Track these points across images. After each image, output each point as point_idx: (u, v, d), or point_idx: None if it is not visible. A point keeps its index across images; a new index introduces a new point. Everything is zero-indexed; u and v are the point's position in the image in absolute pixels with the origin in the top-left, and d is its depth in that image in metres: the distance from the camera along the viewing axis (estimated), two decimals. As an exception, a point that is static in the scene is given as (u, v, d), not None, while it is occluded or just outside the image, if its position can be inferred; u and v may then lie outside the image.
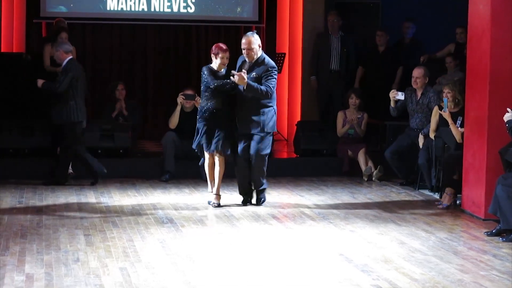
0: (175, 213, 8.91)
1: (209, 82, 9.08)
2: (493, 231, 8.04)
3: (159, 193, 10.14)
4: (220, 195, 9.38)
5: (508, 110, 8.05)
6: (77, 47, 12.25)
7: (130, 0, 13.88)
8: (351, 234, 8.06)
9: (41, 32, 13.67)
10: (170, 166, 11.01)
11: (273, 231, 8.16)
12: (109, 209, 9.08)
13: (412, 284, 6.33)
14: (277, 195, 9.76)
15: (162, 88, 14.23)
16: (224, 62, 9.19)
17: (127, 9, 13.90)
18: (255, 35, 9.21)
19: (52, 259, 6.85)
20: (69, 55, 10.48)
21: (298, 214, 8.99)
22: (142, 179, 11.00)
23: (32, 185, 10.36)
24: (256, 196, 9.43)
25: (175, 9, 14.01)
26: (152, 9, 13.96)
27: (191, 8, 14.05)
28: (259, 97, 9.06)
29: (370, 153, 11.52)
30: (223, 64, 9.20)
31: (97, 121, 11.69)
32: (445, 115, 9.76)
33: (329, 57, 12.77)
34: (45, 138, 11.14)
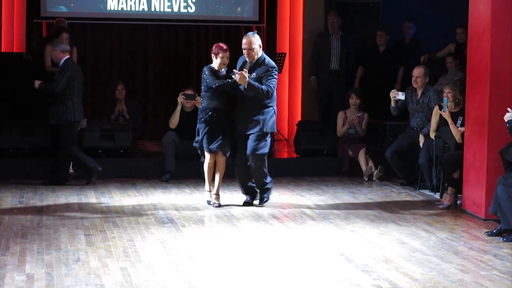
0: (176, 213, 8.91)
1: (211, 82, 9.07)
2: (494, 231, 8.04)
3: (160, 193, 10.13)
4: (220, 195, 9.39)
5: (509, 110, 8.04)
6: (77, 47, 12.25)
7: (131, 0, 13.88)
8: (352, 234, 8.06)
9: (42, 32, 13.66)
10: (171, 166, 11.01)
11: (274, 231, 8.16)
12: (110, 209, 9.08)
13: (413, 284, 6.33)
14: (278, 195, 9.75)
15: (162, 88, 14.22)
16: (225, 62, 9.19)
17: (128, 9, 13.89)
18: (256, 35, 9.20)
19: (53, 259, 6.85)
20: (66, 55, 10.45)
21: (299, 214, 8.99)
22: (143, 179, 11.00)
23: (33, 185, 10.35)
24: (260, 196, 9.42)
25: (176, 9, 14.01)
26: (153, 9, 13.96)
27: (192, 8, 14.05)
28: (260, 97, 9.05)
29: (371, 153, 11.52)
30: (223, 64, 9.20)
31: (97, 121, 11.68)
32: (445, 115, 9.75)
33: (329, 57, 12.76)
34: (46, 138, 11.13)
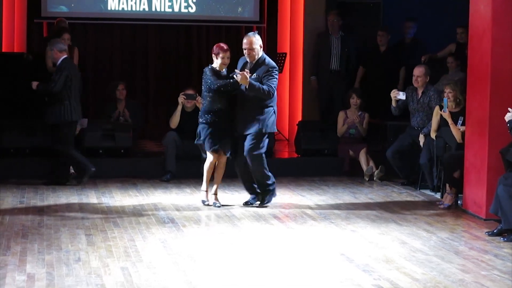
0: (176, 213, 8.91)
1: (212, 83, 9.07)
2: (494, 231, 8.03)
3: (160, 193, 10.14)
4: (217, 195, 9.39)
5: (509, 110, 8.04)
6: (78, 47, 12.24)
7: (131, 0, 13.89)
8: (352, 234, 8.06)
9: (42, 32, 13.66)
10: (171, 166, 11.01)
11: (274, 231, 8.16)
12: (110, 209, 9.08)
13: (413, 284, 6.33)
14: (279, 195, 9.74)
15: (163, 88, 14.22)
16: (225, 62, 9.18)
17: (128, 9, 13.90)
18: (257, 36, 9.20)
19: (54, 259, 6.85)
20: (64, 54, 10.43)
21: (299, 214, 8.99)
22: (143, 179, 10.99)
23: (33, 185, 10.35)
24: (261, 197, 9.39)
25: (176, 9, 14.01)
26: (153, 9, 13.96)
27: (192, 8, 14.05)
28: (261, 97, 9.05)
29: (371, 153, 11.52)
30: (224, 64, 9.19)
31: (98, 121, 11.68)
32: (445, 115, 9.75)
33: (329, 57, 12.77)
34: (46, 138, 11.07)
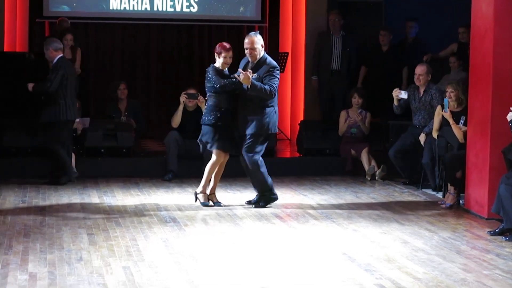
0: (178, 212, 8.91)
1: (216, 82, 9.07)
2: (496, 230, 8.03)
3: (162, 193, 10.14)
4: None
5: (511, 109, 8.05)
6: (80, 47, 12.25)
7: (133, 0, 13.89)
8: (354, 234, 8.06)
9: (44, 32, 13.66)
10: (173, 166, 11.01)
11: (276, 231, 8.16)
12: (112, 209, 9.09)
13: (415, 283, 6.33)
14: (280, 195, 9.74)
15: (165, 87, 14.23)
16: (227, 62, 9.18)
17: (130, 9, 13.90)
18: (258, 35, 9.20)
19: (55, 258, 6.86)
20: (59, 53, 10.42)
21: (301, 214, 8.99)
22: (145, 179, 11.00)
23: (35, 185, 10.36)
24: (257, 198, 9.34)
25: (178, 9, 14.02)
26: (155, 9, 13.97)
27: (194, 8, 14.06)
28: (262, 97, 9.05)
29: (373, 153, 11.52)
30: (226, 64, 9.19)
31: (100, 121, 11.68)
32: (446, 116, 9.75)
33: (330, 57, 12.76)
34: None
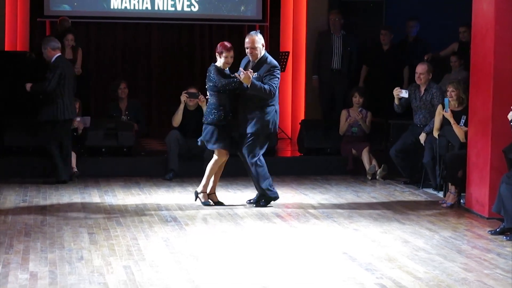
0: (179, 212, 8.91)
1: (217, 81, 9.06)
2: (497, 230, 8.03)
3: (163, 192, 10.14)
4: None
5: (512, 109, 8.06)
6: (81, 47, 12.25)
7: (134, -1, 13.92)
8: (355, 233, 8.06)
9: (45, 31, 13.68)
10: (174, 165, 11.01)
11: (277, 230, 8.16)
12: (113, 208, 9.09)
13: (416, 283, 6.33)
14: (281, 194, 9.75)
15: (166, 87, 14.23)
16: (228, 61, 9.17)
17: (131, 8, 13.92)
18: (259, 35, 9.20)
19: (56, 257, 6.86)
20: (57, 52, 10.41)
21: (302, 213, 8.99)
22: (146, 178, 11.00)
23: (36, 184, 10.36)
24: (257, 197, 9.34)
25: (179, 8, 14.03)
26: (156, 8, 13.98)
27: (195, 7, 14.06)
28: (262, 96, 9.04)
29: (374, 152, 11.52)
30: (227, 63, 9.18)
31: (101, 120, 11.68)
32: (447, 115, 9.75)
33: (331, 56, 12.75)
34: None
